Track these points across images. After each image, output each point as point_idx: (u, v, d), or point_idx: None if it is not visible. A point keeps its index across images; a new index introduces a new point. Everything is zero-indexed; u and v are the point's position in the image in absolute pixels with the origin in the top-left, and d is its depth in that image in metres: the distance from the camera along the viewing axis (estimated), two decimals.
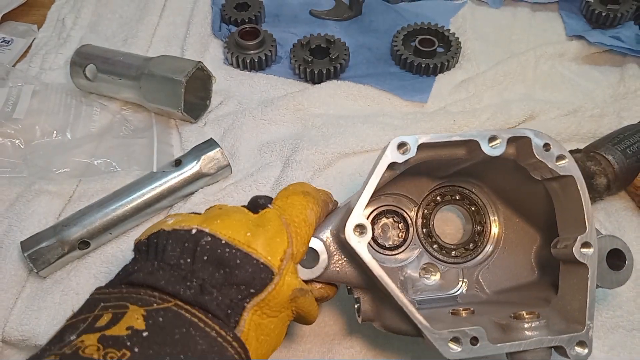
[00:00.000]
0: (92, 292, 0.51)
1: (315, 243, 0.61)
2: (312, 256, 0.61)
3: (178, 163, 0.88)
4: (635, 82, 1.07)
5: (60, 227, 0.81)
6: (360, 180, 0.93)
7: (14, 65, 1.15)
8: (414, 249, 0.72)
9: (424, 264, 0.72)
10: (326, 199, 0.64)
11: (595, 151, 0.85)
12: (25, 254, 0.79)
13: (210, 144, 0.90)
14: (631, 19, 1.17)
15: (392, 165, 0.57)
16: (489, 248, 0.73)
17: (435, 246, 0.72)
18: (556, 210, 0.62)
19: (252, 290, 0.51)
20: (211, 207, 0.60)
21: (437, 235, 0.73)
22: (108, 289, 0.51)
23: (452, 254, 0.72)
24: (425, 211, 0.73)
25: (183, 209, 0.88)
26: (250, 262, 0.52)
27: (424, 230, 0.73)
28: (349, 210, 0.58)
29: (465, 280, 0.71)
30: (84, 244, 0.81)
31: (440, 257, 0.72)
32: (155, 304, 0.47)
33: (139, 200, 0.85)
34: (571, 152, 0.88)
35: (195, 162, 0.88)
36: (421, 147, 0.57)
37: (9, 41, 1.19)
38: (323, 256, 0.61)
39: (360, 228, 0.56)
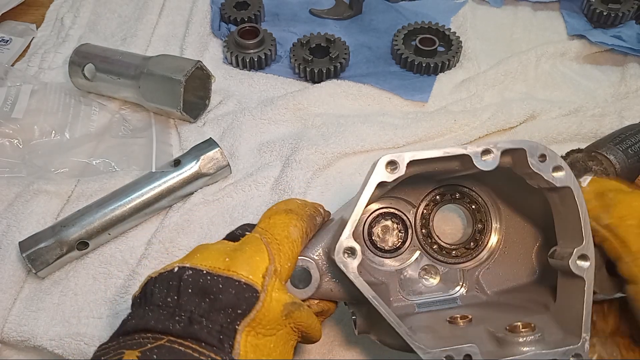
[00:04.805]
0: (95, 350, 0.52)
1: (306, 262, 0.60)
2: (304, 276, 0.60)
3: (177, 163, 0.88)
4: (637, 81, 1.06)
5: (59, 227, 0.81)
6: (360, 180, 0.91)
7: (12, 65, 1.15)
8: (413, 251, 0.71)
9: (423, 266, 0.71)
10: (313, 213, 0.64)
11: (597, 151, 0.85)
12: (24, 255, 0.78)
13: (209, 144, 0.90)
14: (632, 19, 1.17)
15: (381, 184, 0.56)
16: (489, 247, 0.72)
17: (435, 247, 0.72)
18: (555, 219, 0.61)
19: (239, 311, 0.51)
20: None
21: (437, 235, 0.72)
22: (107, 344, 0.51)
23: (452, 254, 0.72)
24: (425, 211, 0.72)
25: (182, 209, 0.87)
26: (232, 285, 0.52)
27: (424, 230, 0.72)
28: (339, 227, 0.57)
29: (465, 281, 0.71)
30: (82, 244, 0.81)
31: (440, 257, 0.71)
32: (149, 344, 0.48)
33: (138, 201, 0.84)
34: (572, 151, 0.88)
35: (195, 162, 0.88)
36: (411, 163, 0.56)
37: (8, 40, 1.19)
38: (315, 275, 0.60)
39: (350, 250, 0.55)
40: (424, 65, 1.08)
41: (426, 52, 1.09)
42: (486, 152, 0.57)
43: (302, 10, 1.25)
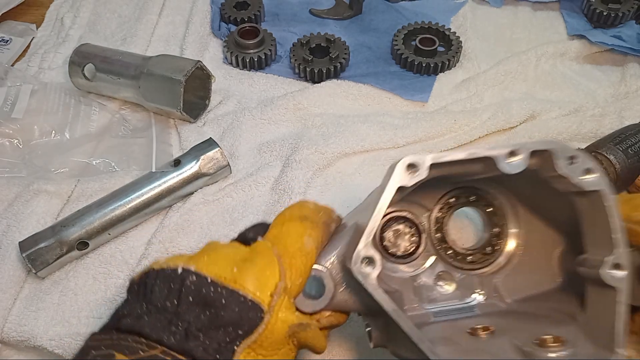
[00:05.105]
0: (87, 339, 0.50)
1: (319, 272, 0.57)
2: (316, 286, 0.57)
3: (177, 163, 0.88)
4: (637, 81, 1.06)
5: (59, 227, 0.80)
6: (360, 180, 0.92)
7: (12, 65, 1.15)
8: (427, 256, 0.68)
9: (438, 272, 0.67)
10: (327, 220, 0.60)
11: (597, 151, 0.85)
12: (24, 255, 0.78)
13: (209, 144, 0.90)
14: (632, 19, 1.17)
15: (400, 189, 0.52)
16: (507, 252, 0.67)
17: (450, 252, 0.68)
18: (583, 226, 0.57)
19: (240, 332, 0.48)
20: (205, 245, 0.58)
21: (452, 240, 0.68)
22: (100, 335, 0.49)
23: (468, 260, 0.68)
24: (439, 215, 0.68)
25: (182, 209, 0.87)
26: (237, 301, 0.49)
27: (438, 235, 0.68)
28: (355, 234, 0.54)
29: (483, 288, 0.67)
30: (82, 244, 0.81)
31: (456, 263, 0.67)
32: (141, 352, 0.46)
33: (138, 201, 0.84)
34: None
35: (195, 162, 0.88)
36: (432, 166, 0.52)
37: (8, 40, 1.19)
38: (329, 286, 0.56)
39: (368, 260, 0.51)
40: (424, 65, 1.08)
41: (426, 52, 1.09)
42: (512, 153, 0.52)
43: (302, 10, 1.25)
